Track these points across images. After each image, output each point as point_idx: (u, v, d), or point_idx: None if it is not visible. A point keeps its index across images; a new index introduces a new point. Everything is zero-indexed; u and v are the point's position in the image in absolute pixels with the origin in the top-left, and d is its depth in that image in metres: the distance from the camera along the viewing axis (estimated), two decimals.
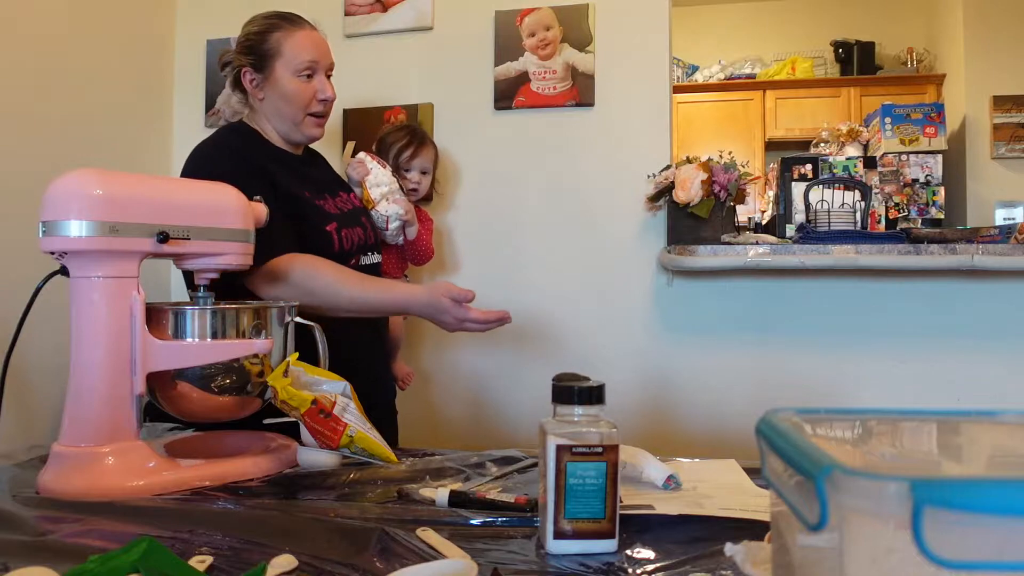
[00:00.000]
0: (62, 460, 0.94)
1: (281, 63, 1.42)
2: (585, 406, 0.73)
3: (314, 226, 1.40)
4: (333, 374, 1.09)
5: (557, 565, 0.69)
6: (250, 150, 1.41)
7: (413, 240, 1.80)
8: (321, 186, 1.50)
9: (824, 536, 0.40)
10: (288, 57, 1.42)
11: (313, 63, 1.43)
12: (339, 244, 1.42)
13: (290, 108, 1.43)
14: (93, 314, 0.94)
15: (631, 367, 1.98)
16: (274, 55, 1.42)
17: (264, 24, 1.44)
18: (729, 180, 1.83)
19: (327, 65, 1.47)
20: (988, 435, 0.53)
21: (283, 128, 1.46)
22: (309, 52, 1.43)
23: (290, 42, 1.42)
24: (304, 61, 1.42)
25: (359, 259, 1.50)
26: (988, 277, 1.79)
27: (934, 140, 3.29)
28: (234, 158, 1.37)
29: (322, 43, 1.47)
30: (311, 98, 1.44)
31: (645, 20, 2.02)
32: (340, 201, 1.52)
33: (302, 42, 1.43)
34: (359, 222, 1.52)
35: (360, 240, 1.49)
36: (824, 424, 0.54)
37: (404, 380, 1.84)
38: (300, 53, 1.42)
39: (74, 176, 0.94)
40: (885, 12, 4.63)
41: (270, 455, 1.04)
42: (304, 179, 1.46)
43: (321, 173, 1.58)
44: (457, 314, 1.27)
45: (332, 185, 1.55)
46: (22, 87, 1.77)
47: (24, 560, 0.67)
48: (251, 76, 1.44)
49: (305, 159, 1.54)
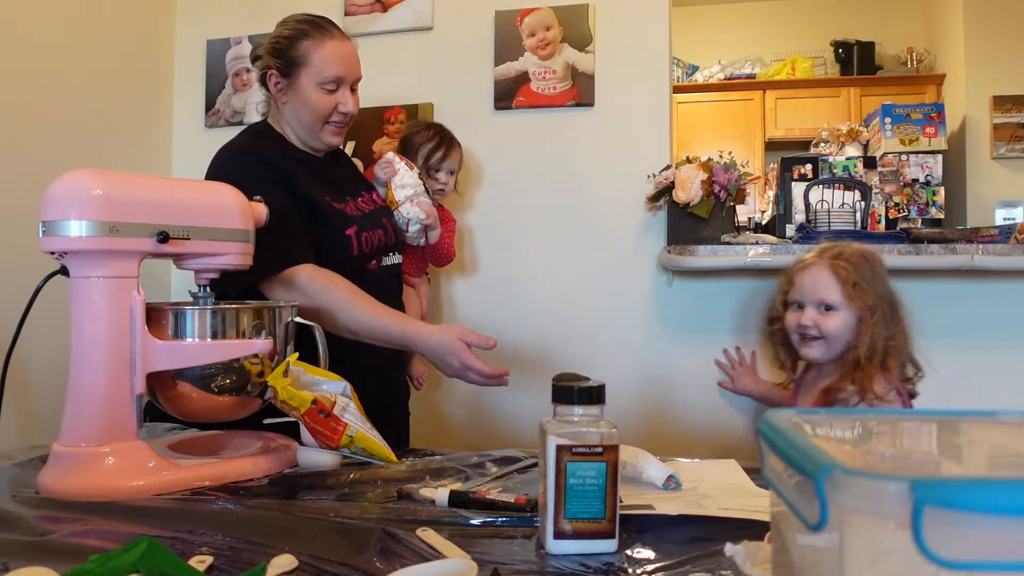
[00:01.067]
0: (62, 460, 0.94)
1: (307, 72, 1.41)
2: (585, 406, 0.73)
3: (333, 230, 1.40)
4: (333, 374, 1.09)
5: (557, 565, 0.69)
6: (273, 155, 1.41)
7: (435, 243, 1.80)
8: (343, 188, 1.50)
9: (824, 536, 0.40)
10: (315, 68, 1.41)
11: (339, 78, 1.42)
12: (358, 248, 1.43)
13: (310, 117, 1.43)
14: (93, 314, 0.94)
15: (631, 367, 1.98)
16: (301, 63, 1.41)
17: (295, 29, 1.43)
18: (729, 180, 1.82)
19: (354, 79, 1.46)
20: (988, 435, 0.53)
21: (302, 133, 1.46)
22: (336, 67, 1.42)
23: (319, 53, 1.41)
24: (330, 75, 1.41)
25: (380, 260, 1.50)
26: (988, 277, 1.79)
27: (934, 140, 3.29)
28: (258, 165, 1.37)
29: (351, 55, 1.46)
30: (332, 110, 1.43)
31: (645, 20, 2.02)
32: (362, 202, 1.52)
33: (330, 55, 1.41)
34: (380, 223, 1.52)
35: (380, 242, 1.49)
36: (824, 424, 0.54)
37: (419, 380, 1.85)
38: (327, 66, 1.41)
39: (74, 176, 0.94)
40: (885, 12, 4.63)
41: (270, 455, 1.05)
42: (326, 182, 1.46)
43: (343, 173, 1.58)
44: (465, 360, 1.23)
45: (354, 185, 1.56)
46: (22, 87, 1.77)
47: (24, 560, 0.67)
48: (276, 79, 1.43)
49: (328, 161, 1.54)
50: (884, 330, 1.34)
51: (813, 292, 1.38)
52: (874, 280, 1.37)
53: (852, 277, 1.35)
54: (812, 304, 1.38)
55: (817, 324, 1.36)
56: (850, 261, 1.38)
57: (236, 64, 2.26)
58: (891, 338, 1.35)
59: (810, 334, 1.37)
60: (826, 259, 1.39)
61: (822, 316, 1.36)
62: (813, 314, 1.37)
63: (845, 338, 1.35)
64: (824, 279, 1.37)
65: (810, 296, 1.38)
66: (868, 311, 1.34)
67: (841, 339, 1.35)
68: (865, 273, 1.37)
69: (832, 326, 1.35)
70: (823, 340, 1.37)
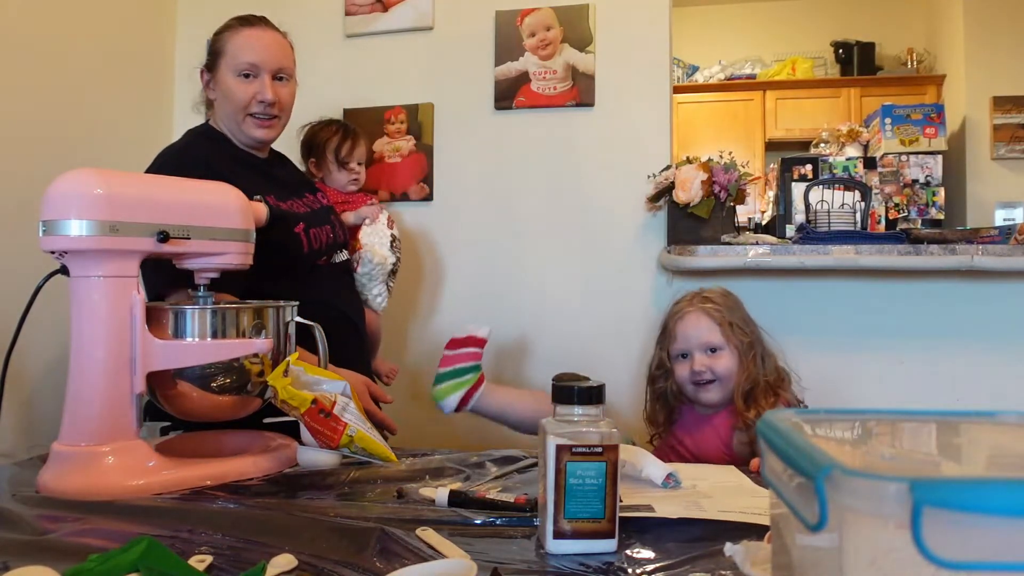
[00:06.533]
0: (62, 459, 0.94)
1: (224, 62, 1.42)
2: (585, 406, 0.73)
3: (282, 228, 1.38)
4: (333, 374, 1.09)
5: (557, 565, 0.69)
6: (215, 155, 1.40)
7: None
8: (288, 188, 1.50)
9: (824, 536, 0.40)
10: (230, 56, 1.41)
11: (253, 64, 1.41)
12: (308, 245, 1.43)
13: (230, 107, 1.42)
14: (93, 314, 0.94)
15: (631, 367, 1.98)
16: (220, 54, 1.43)
17: (224, 25, 1.45)
18: (729, 180, 1.82)
19: (274, 68, 1.44)
20: (988, 435, 0.53)
21: (230, 127, 1.45)
22: (249, 53, 1.41)
23: (234, 41, 1.42)
24: (244, 61, 1.41)
25: (331, 257, 1.51)
26: (988, 277, 1.79)
27: (934, 141, 3.28)
28: (199, 166, 1.34)
29: (271, 44, 1.44)
30: (250, 99, 1.41)
31: (645, 20, 2.01)
32: (308, 201, 1.52)
33: (245, 42, 1.42)
34: (328, 220, 1.52)
35: (329, 240, 1.49)
36: (824, 424, 0.54)
37: (388, 376, 1.84)
38: (240, 53, 1.41)
39: (74, 176, 0.94)
40: (885, 12, 4.63)
41: (270, 455, 1.05)
42: (269, 181, 1.46)
43: (287, 174, 1.58)
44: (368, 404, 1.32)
45: (298, 187, 1.55)
46: (22, 87, 1.77)
47: (24, 559, 0.67)
48: (205, 76, 1.45)
49: (272, 161, 1.54)
50: (762, 365, 1.39)
51: (697, 337, 1.40)
52: (743, 317, 1.43)
53: (726, 317, 1.40)
54: (699, 349, 1.39)
55: (709, 367, 1.37)
56: (717, 303, 1.42)
57: None
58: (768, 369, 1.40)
59: (704, 379, 1.38)
60: (697, 305, 1.43)
61: (711, 359, 1.38)
62: (703, 358, 1.38)
63: (734, 377, 1.38)
64: (704, 323, 1.40)
65: (696, 342, 1.40)
66: (747, 348, 1.38)
67: (732, 378, 1.38)
68: (734, 312, 1.42)
69: (722, 366, 1.37)
70: (717, 382, 1.38)
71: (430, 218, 2.12)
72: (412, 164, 2.13)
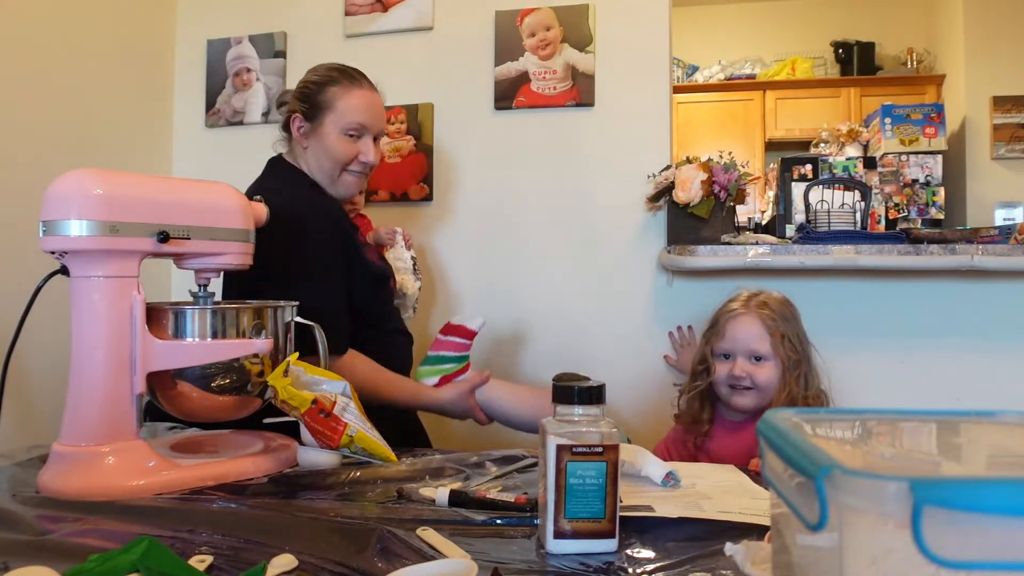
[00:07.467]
0: (62, 460, 0.94)
1: (331, 118, 1.43)
2: (585, 406, 0.73)
3: (385, 286, 1.51)
4: (333, 374, 1.09)
5: (557, 565, 0.69)
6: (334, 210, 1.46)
7: None
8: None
9: (824, 536, 0.40)
10: (339, 113, 1.43)
11: (362, 125, 1.44)
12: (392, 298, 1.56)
13: (330, 163, 1.45)
14: (93, 314, 0.94)
15: (631, 367, 1.98)
16: (326, 108, 1.43)
17: (325, 75, 1.45)
18: (729, 180, 1.82)
19: (378, 130, 1.48)
20: (988, 435, 0.53)
21: (321, 180, 1.47)
22: (361, 114, 1.44)
23: (345, 99, 1.43)
24: (354, 121, 1.43)
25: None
26: (988, 277, 1.79)
27: (934, 140, 3.28)
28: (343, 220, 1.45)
29: (377, 105, 1.48)
30: (353, 158, 1.45)
31: (645, 20, 2.02)
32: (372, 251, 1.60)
33: (357, 102, 1.44)
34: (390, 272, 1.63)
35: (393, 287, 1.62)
36: (824, 424, 0.54)
37: None
38: (351, 113, 1.43)
39: (74, 176, 0.94)
40: (885, 12, 4.63)
41: (270, 455, 1.04)
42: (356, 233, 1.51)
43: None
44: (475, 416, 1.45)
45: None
46: (22, 87, 1.77)
47: (24, 559, 0.67)
48: (300, 124, 1.45)
49: None
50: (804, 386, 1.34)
51: (745, 343, 1.36)
52: (797, 332, 1.38)
53: (780, 328, 1.35)
54: (743, 355, 1.36)
55: (750, 375, 1.34)
56: (773, 310, 1.37)
57: (236, 64, 2.26)
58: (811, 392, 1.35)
59: (743, 384, 1.35)
60: (752, 308, 1.39)
61: (753, 366, 1.35)
62: (745, 364, 1.35)
63: (774, 388, 1.34)
64: (755, 330, 1.36)
65: (742, 347, 1.36)
66: (793, 364, 1.34)
67: (771, 390, 1.34)
68: (789, 324, 1.37)
69: (764, 377, 1.34)
70: (755, 390, 1.34)
71: (430, 218, 2.13)
72: (412, 164, 2.13)
